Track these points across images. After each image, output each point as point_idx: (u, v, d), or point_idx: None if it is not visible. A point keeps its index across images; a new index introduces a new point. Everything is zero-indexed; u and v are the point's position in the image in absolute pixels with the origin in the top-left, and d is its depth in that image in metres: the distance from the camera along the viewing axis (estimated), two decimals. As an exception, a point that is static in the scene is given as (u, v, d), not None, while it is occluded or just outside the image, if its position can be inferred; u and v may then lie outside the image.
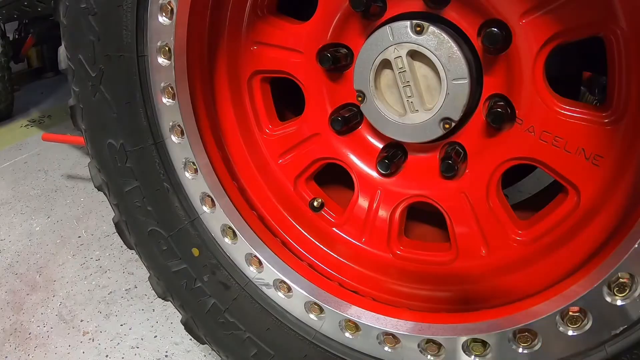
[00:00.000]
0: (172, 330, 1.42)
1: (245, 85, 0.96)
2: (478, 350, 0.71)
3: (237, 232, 0.90)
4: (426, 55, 0.73)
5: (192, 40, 0.84)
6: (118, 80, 0.89)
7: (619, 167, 0.67)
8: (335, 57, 0.82)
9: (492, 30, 0.68)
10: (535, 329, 0.65)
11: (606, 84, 0.69)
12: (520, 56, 0.69)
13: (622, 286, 0.59)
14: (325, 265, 0.92)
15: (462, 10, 0.72)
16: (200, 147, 0.90)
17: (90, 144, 0.99)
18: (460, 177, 0.81)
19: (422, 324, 0.76)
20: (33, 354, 1.42)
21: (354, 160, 0.91)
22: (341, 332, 0.82)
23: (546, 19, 0.66)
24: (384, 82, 0.79)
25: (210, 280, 0.95)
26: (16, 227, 2.16)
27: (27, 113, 4.06)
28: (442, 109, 0.74)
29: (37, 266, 1.85)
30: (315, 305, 0.85)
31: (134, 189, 0.96)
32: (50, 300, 1.65)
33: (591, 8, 0.63)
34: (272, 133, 0.98)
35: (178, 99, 0.85)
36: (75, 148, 2.92)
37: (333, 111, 0.89)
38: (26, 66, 5.16)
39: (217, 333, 0.97)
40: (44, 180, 2.61)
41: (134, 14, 0.82)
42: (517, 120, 0.73)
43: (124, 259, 1.80)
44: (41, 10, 2.09)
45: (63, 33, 0.92)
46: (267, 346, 0.91)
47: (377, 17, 0.78)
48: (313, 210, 0.96)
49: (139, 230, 1.00)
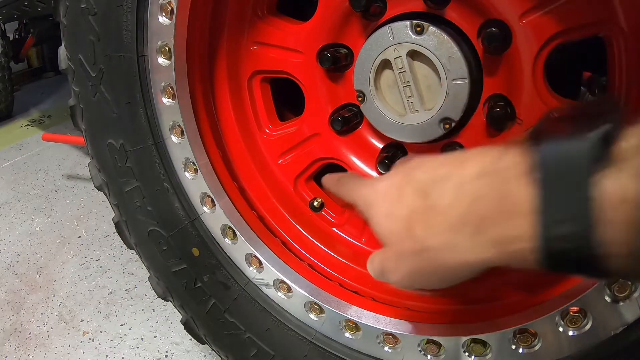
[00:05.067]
0: (172, 330, 1.42)
1: (245, 85, 0.96)
2: (478, 350, 0.71)
3: (237, 232, 0.90)
4: (426, 55, 0.73)
5: (192, 40, 0.84)
6: (118, 80, 0.89)
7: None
8: (335, 57, 0.82)
9: (492, 30, 0.68)
10: (535, 329, 0.65)
11: (606, 84, 0.69)
12: (520, 56, 0.69)
13: (622, 286, 0.59)
14: (325, 265, 0.92)
15: (462, 10, 0.72)
16: (200, 147, 0.90)
17: (90, 144, 0.99)
18: (460, 177, 0.81)
19: (422, 324, 0.76)
20: (33, 354, 1.42)
21: (354, 160, 0.91)
22: (341, 332, 0.82)
23: (546, 19, 0.66)
24: (384, 82, 0.79)
25: (210, 280, 0.95)
26: (16, 227, 2.16)
27: (27, 113, 4.06)
28: (442, 109, 0.74)
29: (37, 266, 1.85)
30: (315, 305, 0.85)
31: (134, 189, 0.96)
32: (50, 300, 1.65)
33: (591, 8, 0.63)
34: (272, 133, 0.98)
35: (178, 99, 0.85)
36: (75, 148, 2.92)
37: (333, 111, 0.89)
38: (26, 66, 5.16)
39: (217, 333, 0.97)
40: (44, 180, 2.61)
41: (134, 14, 0.82)
42: (517, 120, 0.73)
43: (124, 259, 1.80)
44: (41, 10, 2.09)
45: (63, 33, 0.92)
46: (267, 346, 0.91)
47: (377, 17, 0.78)
48: (313, 210, 0.96)
49: (139, 230, 1.00)
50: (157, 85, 0.86)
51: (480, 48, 0.72)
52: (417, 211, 0.44)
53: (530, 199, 0.35)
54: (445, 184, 0.41)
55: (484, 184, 0.39)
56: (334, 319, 0.83)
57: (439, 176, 0.43)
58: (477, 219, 0.39)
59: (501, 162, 0.39)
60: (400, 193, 0.47)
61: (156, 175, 0.92)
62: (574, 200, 0.33)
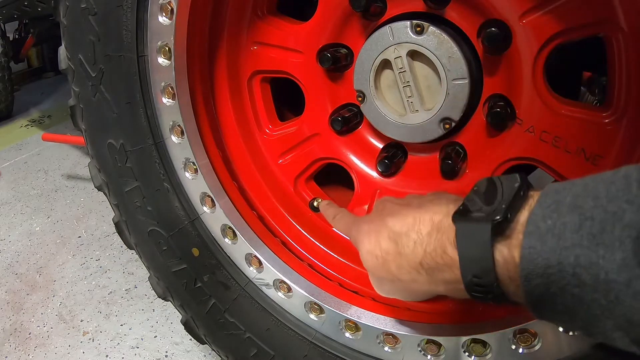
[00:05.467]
0: (172, 330, 1.42)
1: (245, 85, 0.96)
2: (478, 350, 0.71)
3: (237, 232, 0.90)
4: (426, 55, 0.73)
5: (192, 40, 0.84)
6: (118, 80, 0.89)
7: (619, 167, 0.67)
8: (335, 57, 0.82)
9: (492, 30, 0.68)
10: (535, 329, 0.65)
11: (606, 84, 0.69)
12: (520, 56, 0.69)
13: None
14: (325, 265, 0.92)
15: (462, 10, 0.72)
16: (200, 147, 0.90)
17: (90, 144, 0.99)
18: (461, 177, 0.82)
19: (422, 324, 0.76)
20: (33, 354, 1.42)
21: (354, 160, 0.91)
22: (341, 332, 0.82)
23: (546, 19, 0.66)
24: (384, 82, 0.79)
25: (210, 280, 0.95)
26: (16, 227, 2.16)
27: (27, 113, 4.06)
28: (442, 109, 0.74)
29: (37, 266, 1.85)
30: (315, 305, 0.85)
31: (134, 189, 0.96)
32: (50, 300, 1.65)
33: (591, 8, 0.63)
34: (272, 133, 0.98)
35: (178, 99, 0.85)
36: (75, 148, 2.92)
37: (333, 111, 0.89)
38: (26, 66, 5.16)
39: (217, 333, 0.97)
40: (44, 180, 2.61)
41: (134, 14, 0.82)
42: (517, 120, 0.73)
43: (124, 259, 1.80)
44: (41, 10, 2.09)
45: (63, 33, 0.92)
46: (267, 346, 0.91)
47: (377, 17, 0.78)
48: (313, 210, 0.96)
49: (139, 230, 1.00)
50: (157, 85, 0.86)
51: (480, 48, 0.72)
52: (390, 253, 0.61)
53: (456, 258, 0.52)
54: (409, 237, 0.59)
55: (432, 241, 0.56)
56: (334, 319, 0.83)
57: (405, 229, 0.60)
58: (429, 265, 0.56)
59: (442, 226, 0.56)
60: (377, 237, 0.63)
61: (156, 175, 0.92)
62: (480, 262, 0.50)
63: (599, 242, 0.41)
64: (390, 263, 0.61)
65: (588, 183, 0.44)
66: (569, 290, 0.43)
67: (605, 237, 0.40)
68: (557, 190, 0.46)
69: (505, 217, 0.48)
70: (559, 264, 0.43)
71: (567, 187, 0.46)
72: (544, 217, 0.45)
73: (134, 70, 0.86)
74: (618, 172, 0.43)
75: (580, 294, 0.42)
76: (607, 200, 0.42)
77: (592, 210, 0.42)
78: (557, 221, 0.44)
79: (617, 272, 0.39)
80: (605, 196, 0.42)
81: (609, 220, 0.41)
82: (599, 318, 0.42)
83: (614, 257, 0.40)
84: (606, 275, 0.40)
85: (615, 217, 0.40)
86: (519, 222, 0.48)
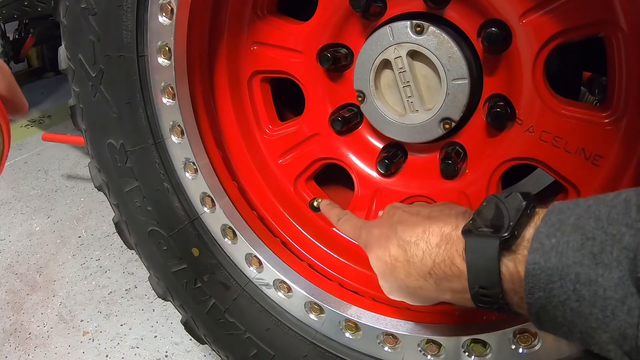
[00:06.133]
0: (172, 330, 1.42)
1: (245, 85, 0.96)
2: (478, 350, 0.71)
3: (237, 232, 0.90)
4: (426, 55, 0.73)
5: (192, 40, 0.84)
6: (118, 80, 0.89)
7: (619, 167, 0.68)
8: (335, 57, 0.82)
9: (492, 30, 0.68)
10: (535, 329, 0.65)
11: (606, 84, 0.69)
12: (520, 56, 0.69)
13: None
14: (325, 265, 0.92)
15: (462, 10, 0.72)
16: (200, 147, 0.90)
17: (90, 144, 0.99)
18: (460, 177, 0.82)
19: (422, 324, 0.76)
20: (33, 354, 1.42)
21: (354, 160, 0.91)
22: (341, 332, 0.82)
23: (546, 19, 0.66)
24: (384, 82, 0.79)
25: (210, 280, 0.95)
26: (16, 227, 2.16)
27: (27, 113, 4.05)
28: (442, 109, 0.74)
29: (37, 266, 1.85)
30: (315, 305, 0.85)
31: (134, 189, 0.96)
32: (50, 300, 1.65)
33: (591, 8, 0.63)
34: (272, 133, 0.98)
35: (178, 99, 0.85)
36: (75, 148, 2.91)
37: (333, 111, 0.89)
38: (26, 66, 5.15)
39: (217, 333, 0.97)
40: (44, 180, 2.61)
41: (134, 14, 0.82)
42: (517, 120, 0.73)
43: (124, 259, 1.80)
44: (41, 10, 2.09)
45: (63, 33, 0.92)
46: (267, 346, 0.91)
47: (377, 17, 0.78)
48: (313, 210, 0.96)
49: (139, 230, 1.00)
50: (157, 85, 0.86)
51: (480, 48, 0.72)
52: (399, 260, 0.63)
53: (464, 269, 0.55)
54: (418, 246, 0.61)
55: (441, 252, 0.58)
56: (334, 319, 0.83)
57: (414, 238, 0.62)
58: (438, 275, 0.59)
59: (451, 238, 0.58)
60: (387, 243, 0.65)
61: (156, 175, 0.92)
62: (487, 274, 0.52)
63: (598, 261, 0.43)
64: (399, 270, 0.63)
65: (591, 205, 0.47)
66: (569, 304, 0.45)
67: (604, 257, 0.43)
68: (561, 209, 0.49)
69: (512, 234, 0.51)
70: (560, 279, 0.46)
71: (571, 207, 0.48)
72: (548, 235, 0.47)
73: (134, 71, 0.86)
74: (619, 195, 0.46)
75: (580, 308, 0.45)
76: (608, 223, 0.44)
77: (593, 231, 0.45)
78: (560, 239, 0.46)
79: (614, 290, 0.43)
80: (606, 219, 0.44)
81: (608, 242, 0.43)
82: (596, 331, 0.45)
83: (612, 275, 0.43)
84: (604, 292, 0.43)
85: (614, 239, 0.43)
86: (524, 238, 0.51)
